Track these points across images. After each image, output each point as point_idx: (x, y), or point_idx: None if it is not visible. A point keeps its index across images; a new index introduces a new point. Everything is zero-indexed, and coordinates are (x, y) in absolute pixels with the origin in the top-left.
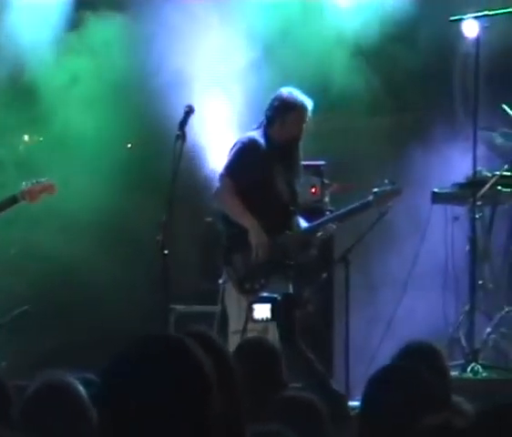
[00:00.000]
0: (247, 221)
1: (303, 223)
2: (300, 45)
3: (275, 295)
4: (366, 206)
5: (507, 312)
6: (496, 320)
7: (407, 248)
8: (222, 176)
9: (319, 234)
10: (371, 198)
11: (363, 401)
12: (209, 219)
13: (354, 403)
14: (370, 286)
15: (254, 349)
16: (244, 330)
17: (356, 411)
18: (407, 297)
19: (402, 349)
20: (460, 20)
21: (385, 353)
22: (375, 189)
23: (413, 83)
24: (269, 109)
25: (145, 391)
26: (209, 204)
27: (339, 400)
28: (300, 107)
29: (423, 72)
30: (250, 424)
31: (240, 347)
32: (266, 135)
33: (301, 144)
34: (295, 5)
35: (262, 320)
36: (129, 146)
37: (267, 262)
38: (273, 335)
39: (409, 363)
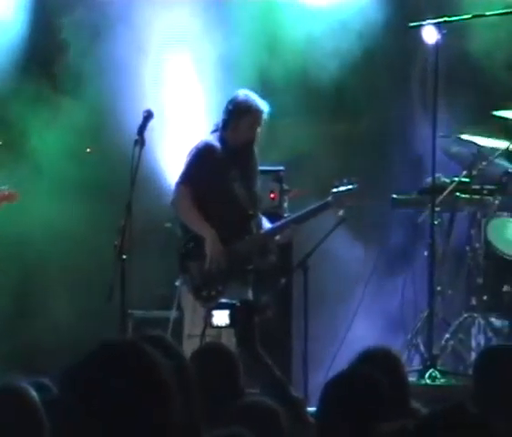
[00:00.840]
0: (203, 230)
1: (267, 224)
2: (262, 46)
3: (234, 301)
4: (325, 206)
5: (466, 318)
6: (455, 326)
7: (367, 253)
8: (178, 184)
9: (278, 238)
10: (329, 198)
11: (320, 407)
12: (169, 225)
13: (313, 409)
14: (329, 291)
15: (212, 354)
16: (203, 335)
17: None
18: (366, 302)
19: (359, 355)
20: (419, 26)
21: (344, 359)
22: (334, 190)
23: (372, 88)
24: (224, 113)
25: (104, 397)
26: (168, 209)
27: (298, 405)
28: (254, 111)
29: (382, 77)
30: (208, 429)
31: (197, 352)
32: (222, 139)
33: (256, 147)
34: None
35: (221, 326)
36: (88, 151)
37: (224, 269)
38: (227, 341)
39: (366, 369)
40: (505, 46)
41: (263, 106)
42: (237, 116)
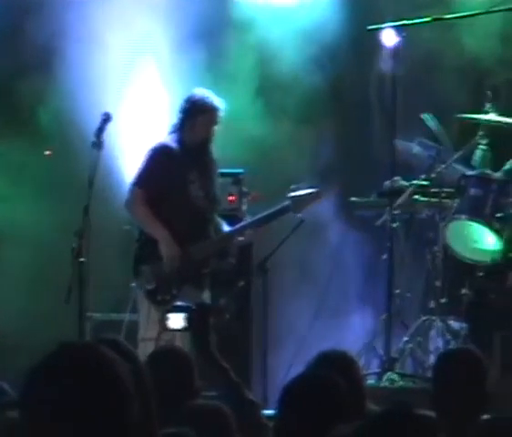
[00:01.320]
0: (157, 232)
1: (226, 227)
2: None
3: (190, 304)
4: (284, 210)
5: (424, 321)
6: (413, 329)
7: (325, 255)
8: (132, 185)
9: (237, 240)
10: (288, 202)
11: (278, 410)
12: (127, 227)
13: (271, 412)
14: (288, 293)
15: (167, 357)
16: (158, 338)
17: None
18: (325, 305)
19: (316, 357)
20: (378, 29)
21: (303, 361)
22: (292, 194)
23: (331, 91)
24: (180, 112)
25: (63, 399)
26: (126, 212)
27: (253, 408)
28: (210, 109)
29: (340, 80)
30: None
31: (153, 355)
32: (179, 139)
33: (213, 146)
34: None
35: (177, 329)
36: (47, 153)
37: (179, 273)
38: (181, 344)
39: (323, 372)
40: (461, 48)
41: (219, 103)
42: (193, 114)
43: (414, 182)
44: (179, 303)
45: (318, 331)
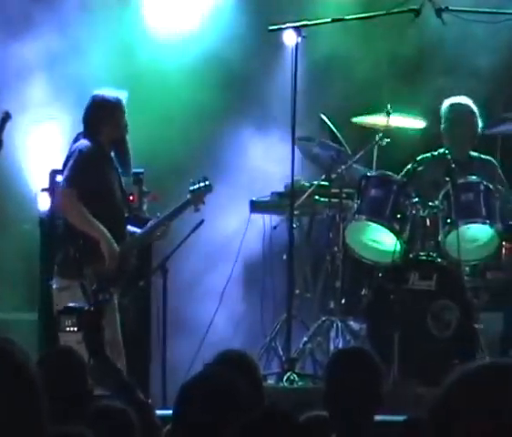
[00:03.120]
0: (99, 231)
1: (132, 228)
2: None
3: (82, 305)
4: (186, 205)
5: (324, 321)
6: (313, 330)
7: (226, 255)
8: (65, 187)
9: (156, 237)
10: (188, 196)
11: (176, 409)
12: (27, 227)
13: (170, 412)
14: (188, 294)
15: (58, 357)
16: (55, 339)
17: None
18: (225, 305)
19: (215, 357)
20: (279, 29)
21: (202, 361)
22: (191, 188)
23: (234, 90)
24: (90, 115)
25: None
26: (27, 212)
27: (146, 409)
28: (121, 102)
29: (243, 79)
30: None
31: (45, 356)
32: (95, 142)
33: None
34: None
35: (69, 330)
36: None
37: (117, 271)
38: (76, 345)
39: (222, 371)
40: (366, 52)
41: (122, 94)
42: (109, 113)
43: (315, 183)
44: (71, 304)
45: (218, 331)
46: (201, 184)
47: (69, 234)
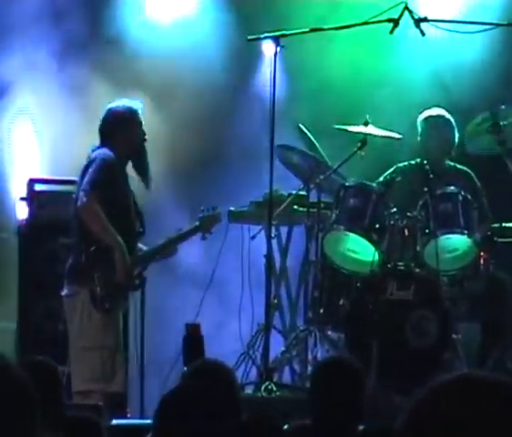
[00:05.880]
0: (115, 239)
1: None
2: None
3: None
4: (194, 231)
5: (302, 331)
6: (291, 339)
7: (204, 266)
8: (88, 191)
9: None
10: (197, 223)
11: (155, 422)
12: (4, 236)
13: (148, 422)
14: (167, 302)
15: (34, 368)
16: (34, 349)
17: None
18: (203, 313)
19: (192, 368)
20: (258, 39)
21: (180, 372)
22: (201, 215)
23: (213, 101)
24: (106, 127)
25: None
26: (3, 220)
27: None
28: (137, 113)
29: (223, 90)
30: None
31: (24, 365)
32: (114, 153)
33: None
34: None
35: None
36: None
37: (128, 283)
38: None
39: (200, 383)
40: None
41: (137, 104)
42: (127, 124)
43: (293, 192)
44: None
45: None
46: (211, 213)
47: (83, 240)
